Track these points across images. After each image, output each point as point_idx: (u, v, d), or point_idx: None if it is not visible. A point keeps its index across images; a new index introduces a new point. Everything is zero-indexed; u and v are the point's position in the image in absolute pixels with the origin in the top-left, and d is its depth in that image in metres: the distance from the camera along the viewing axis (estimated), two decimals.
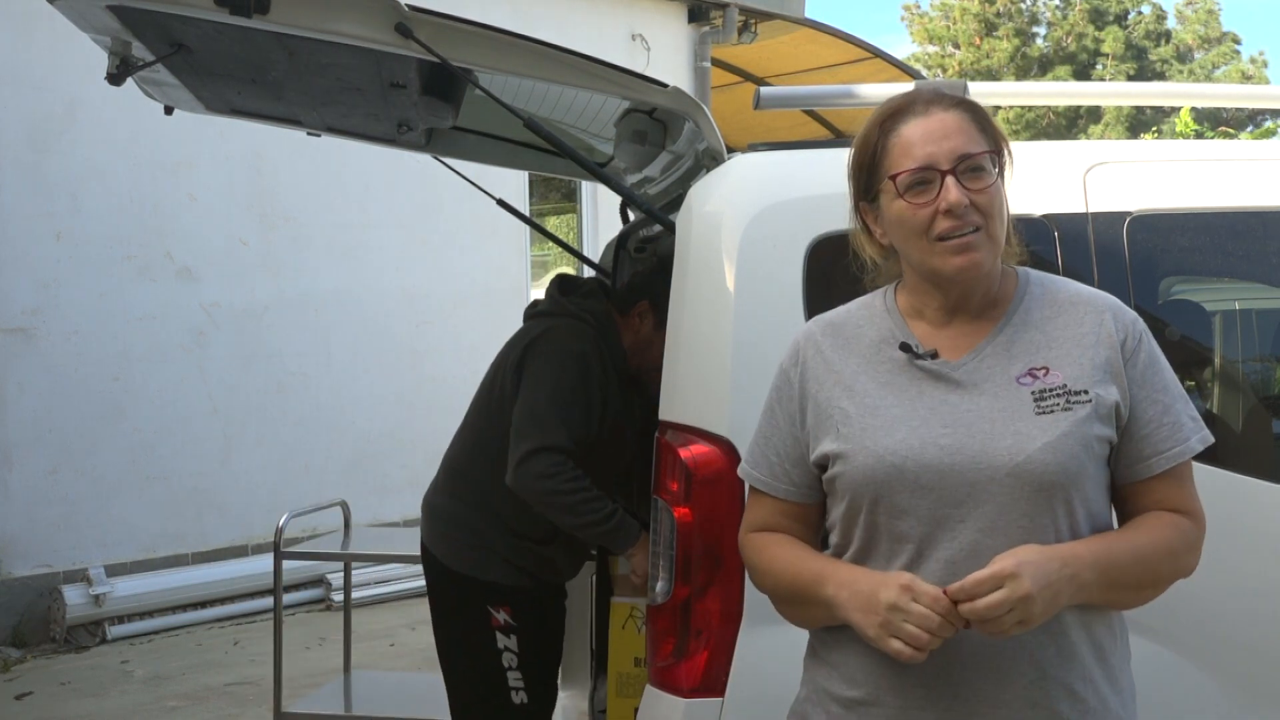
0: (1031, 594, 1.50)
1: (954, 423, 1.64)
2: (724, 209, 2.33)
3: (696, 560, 2.18)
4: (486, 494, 3.00)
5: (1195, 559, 1.71)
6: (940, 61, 29.81)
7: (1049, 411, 1.63)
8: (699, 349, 2.28)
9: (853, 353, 1.75)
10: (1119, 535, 1.67)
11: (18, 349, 6.34)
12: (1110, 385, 1.66)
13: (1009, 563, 1.52)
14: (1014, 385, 1.65)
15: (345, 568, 4.71)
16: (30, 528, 6.34)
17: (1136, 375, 1.68)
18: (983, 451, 1.61)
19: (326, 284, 7.51)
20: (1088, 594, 1.59)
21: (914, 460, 1.63)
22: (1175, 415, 1.68)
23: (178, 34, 2.76)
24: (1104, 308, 1.71)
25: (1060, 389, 1.64)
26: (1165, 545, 1.66)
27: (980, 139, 1.67)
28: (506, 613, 2.97)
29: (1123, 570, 1.61)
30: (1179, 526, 1.67)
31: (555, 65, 2.55)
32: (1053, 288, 1.75)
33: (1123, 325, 1.70)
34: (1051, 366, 1.66)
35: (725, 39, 9.53)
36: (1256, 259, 2.59)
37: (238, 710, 5.24)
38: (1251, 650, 2.34)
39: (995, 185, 1.65)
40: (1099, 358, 1.67)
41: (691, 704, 2.18)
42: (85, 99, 6.41)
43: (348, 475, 7.40)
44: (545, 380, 2.91)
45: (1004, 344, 1.69)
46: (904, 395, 1.69)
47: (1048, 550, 1.56)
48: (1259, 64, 29.86)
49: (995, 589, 1.51)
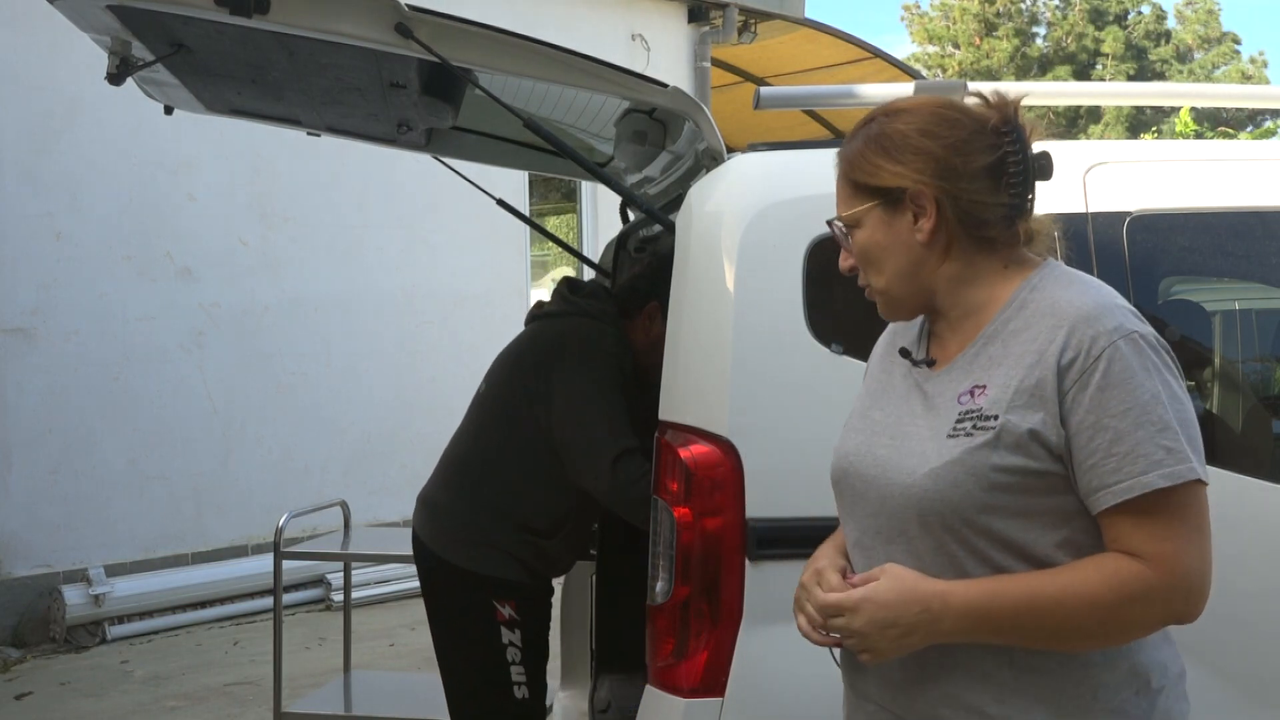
0: (864, 630, 1.52)
1: (899, 436, 1.64)
2: (724, 209, 2.33)
3: (696, 560, 2.18)
4: (494, 491, 3.00)
5: (1151, 612, 1.50)
6: (940, 61, 29.82)
7: (955, 435, 1.56)
8: (699, 349, 2.28)
9: (889, 351, 1.79)
10: (1019, 580, 1.51)
11: (18, 349, 6.34)
12: (1032, 412, 1.52)
13: (854, 596, 1.54)
14: (954, 404, 1.60)
15: (345, 568, 4.71)
16: (30, 528, 6.34)
17: (1084, 399, 1.49)
18: (895, 468, 1.61)
19: (326, 284, 7.51)
20: (959, 638, 1.53)
21: (854, 466, 1.68)
22: (1130, 445, 1.47)
23: (178, 34, 2.76)
24: (1068, 322, 1.53)
25: (976, 412, 1.56)
26: (1085, 594, 1.47)
27: (847, 197, 1.68)
28: (512, 607, 2.96)
29: (1008, 619, 1.50)
30: (1118, 574, 1.47)
31: (555, 65, 2.55)
32: (1046, 292, 1.60)
33: (1078, 342, 1.51)
34: (989, 385, 1.57)
35: (725, 39, 9.54)
36: (1256, 259, 2.59)
37: (238, 710, 5.24)
38: (1251, 650, 2.34)
39: (867, 240, 1.66)
40: (1029, 380, 1.53)
41: (691, 704, 2.18)
42: (85, 99, 6.41)
43: (348, 475, 7.40)
44: (594, 385, 2.89)
45: (970, 358, 1.62)
46: (889, 401, 1.71)
47: (910, 590, 1.52)
48: (1259, 64, 29.89)
49: (837, 615, 1.55)
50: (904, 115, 1.64)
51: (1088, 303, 1.55)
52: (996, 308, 1.63)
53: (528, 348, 3.09)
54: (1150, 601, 1.49)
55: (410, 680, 4.98)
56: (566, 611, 3.73)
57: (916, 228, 1.62)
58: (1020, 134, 1.62)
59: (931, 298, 1.67)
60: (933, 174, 1.60)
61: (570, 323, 3.05)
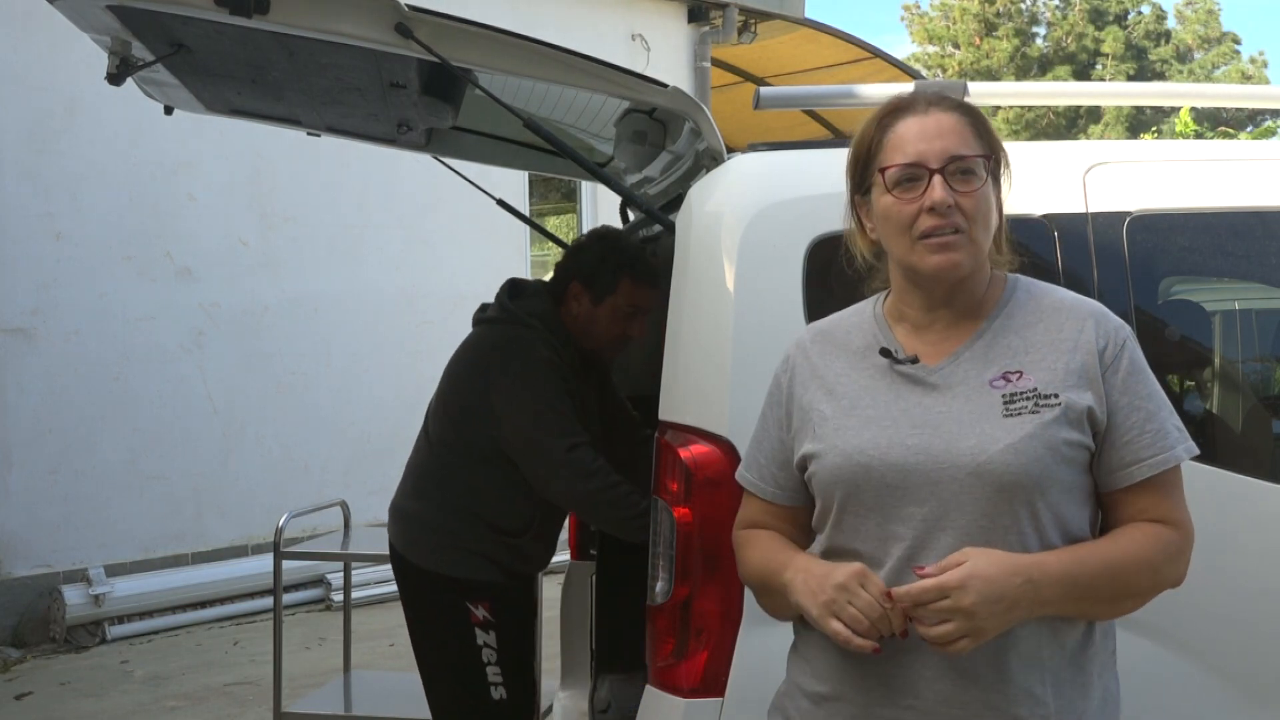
0: (974, 609, 1.51)
1: (923, 424, 1.66)
2: (724, 209, 2.33)
3: (696, 560, 2.18)
4: (457, 494, 3.03)
5: (1181, 570, 1.68)
6: (940, 61, 29.82)
7: (1016, 414, 1.62)
8: (699, 349, 2.28)
9: (838, 358, 1.79)
10: (1092, 547, 1.64)
11: (18, 349, 6.34)
12: (1084, 391, 1.64)
13: (958, 575, 1.52)
14: (986, 389, 1.65)
15: (345, 568, 4.71)
16: (30, 528, 6.34)
17: (1118, 382, 1.66)
18: (946, 451, 1.63)
19: (326, 284, 7.51)
20: (1053, 608, 1.59)
21: (880, 459, 1.66)
22: (1159, 423, 1.66)
23: (178, 34, 2.76)
24: (1086, 315, 1.70)
25: (1030, 392, 1.63)
26: (1142, 558, 1.63)
27: (975, 143, 1.69)
28: (485, 608, 2.99)
29: (1092, 584, 1.60)
30: (1160, 538, 1.64)
31: (555, 65, 2.55)
32: (1039, 294, 1.75)
33: (1104, 333, 1.68)
34: (1025, 371, 1.66)
35: (725, 39, 9.53)
36: (1256, 259, 2.59)
37: (238, 710, 5.25)
38: (1251, 650, 2.34)
39: (983, 190, 1.67)
40: (1074, 363, 1.65)
41: (691, 704, 2.18)
42: (85, 99, 6.41)
43: (348, 475, 7.40)
44: (531, 392, 2.93)
45: (983, 348, 1.70)
46: (881, 399, 1.72)
47: (1009, 562, 1.55)
48: (1259, 64, 29.88)
49: (940, 599, 1.53)
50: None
51: (1084, 301, 1.74)
52: (989, 307, 1.73)
53: (466, 355, 3.13)
54: (1180, 560, 1.67)
55: (410, 680, 4.94)
56: (566, 611, 3.73)
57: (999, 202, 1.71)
58: None
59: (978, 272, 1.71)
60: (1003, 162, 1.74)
61: (502, 331, 3.07)
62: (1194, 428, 2.59)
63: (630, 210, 3.68)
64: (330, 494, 6.15)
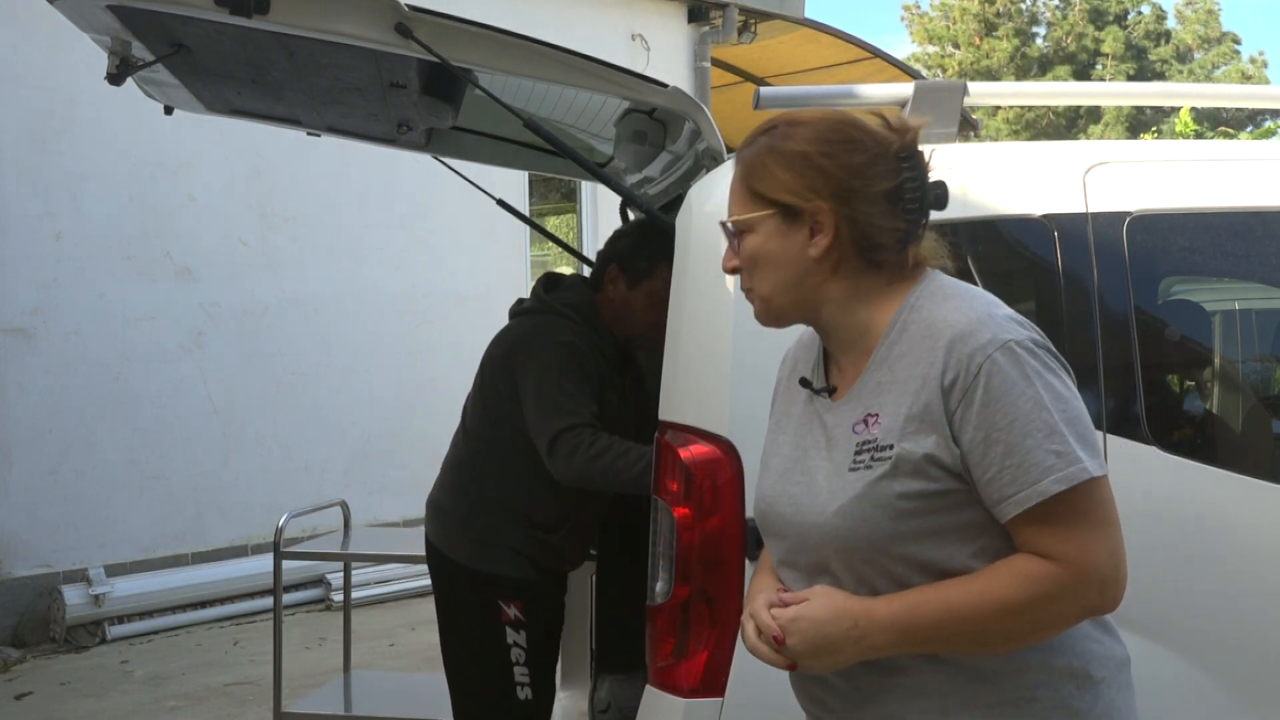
0: (797, 649, 1.56)
1: (807, 472, 1.66)
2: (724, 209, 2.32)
3: (696, 560, 2.18)
4: (493, 488, 3.03)
5: (1066, 609, 1.54)
6: (940, 61, 29.82)
7: (856, 468, 1.58)
8: (699, 349, 2.28)
9: (790, 379, 1.80)
10: (935, 590, 1.54)
11: (18, 349, 6.34)
12: (924, 436, 1.54)
13: (786, 615, 1.56)
14: (850, 434, 1.61)
15: (345, 568, 4.71)
16: (30, 528, 6.34)
17: (971, 416, 1.52)
18: (809, 507, 1.63)
19: (326, 284, 7.51)
20: (888, 651, 1.56)
21: (772, 509, 1.70)
22: (1022, 456, 1.50)
23: (178, 34, 2.76)
24: (945, 341, 1.56)
25: (872, 443, 1.58)
26: (995, 598, 1.51)
27: (743, 200, 1.68)
28: (518, 608, 2.98)
29: (931, 628, 1.53)
30: (1029, 577, 1.51)
31: (555, 65, 2.55)
32: (924, 313, 1.61)
33: (956, 361, 1.53)
34: (881, 413, 1.59)
35: (725, 39, 9.53)
36: (1256, 259, 2.59)
37: (238, 710, 5.25)
38: (1251, 650, 2.34)
39: (756, 244, 1.65)
40: (917, 405, 1.55)
41: (691, 704, 2.18)
42: (85, 99, 6.40)
43: (348, 475, 7.40)
44: (540, 373, 2.94)
45: (864, 383, 1.64)
46: (793, 435, 1.73)
47: (839, 607, 1.56)
48: (1259, 64, 29.90)
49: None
50: (805, 129, 1.64)
51: (961, 320, 1.57)
52: (880, 331, 1.64)
53: (499, 347, 3.14)
54: (1062, 599, 1.52)
55: (410, 680, 4.98)
56: (566, 611, 3.73)
57: (812, 243, 1.62)
58: (919, 161, 1.64)
59: (814, 312, 1.68)
60: (831, 194, 1.60)
61: (534, 320, 3.09)
62: (1194, 428, 2.60)
63: (630, 210, 3.68)
64: (330, 494, 6.15)
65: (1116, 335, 2.32)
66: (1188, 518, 2.29)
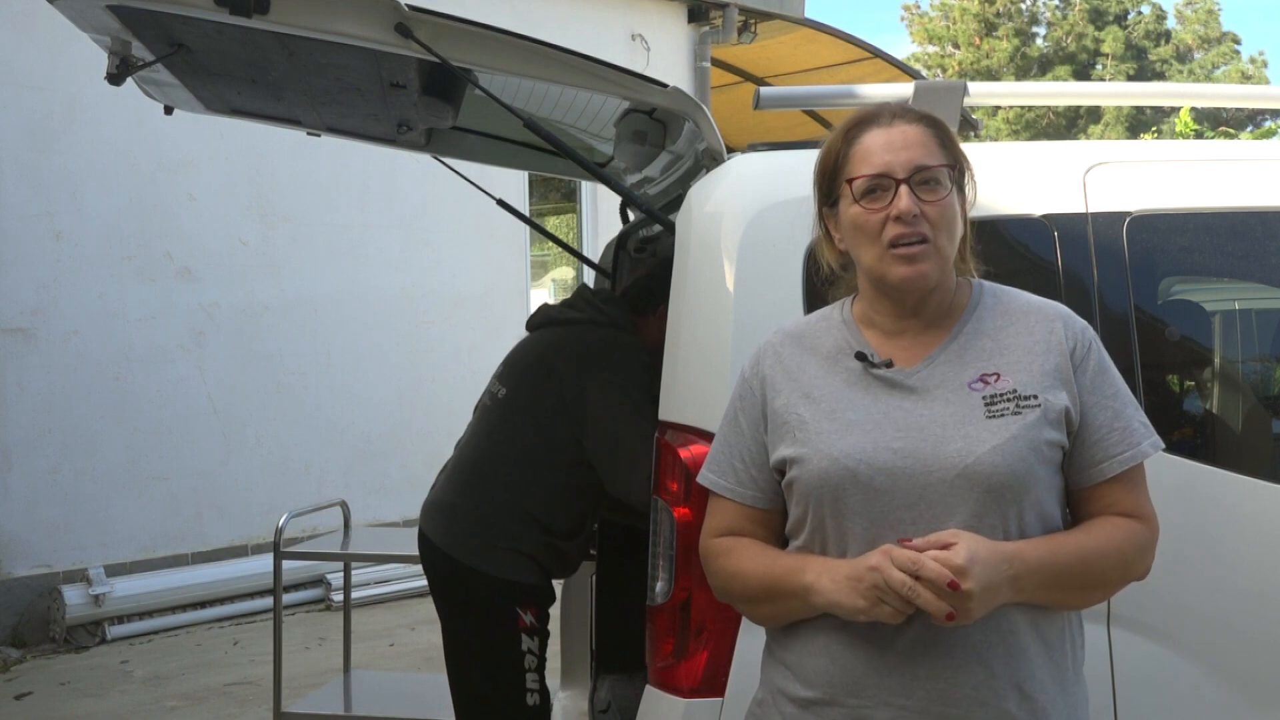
0: (972, 592, 1.53)
1: (907, 427, 1.68)
2: (724, 209, 2.33)
3: (696, 560, 2.18)
4: (517, 496, 2.98)
5: (1147, 563, 1.72)
6: (940, 61, 29.83)
7: (999, 415, 1.66)
8: (699, 349, 2.28)
9: (811, 361, 1.80)
10: (1066, 537, 1.68)
11: (18, 349, 6.34)
12: (1060, 391, 1.69)
13: (961, 557, 1.53)
14: (966, 391, 1.69)
15: (345, 568, 4.71)
16: (30, 528, 6.34)
17: (1086, 382, 1.71)
18: (933, 455, 1.65)
19: (326, 284, 7.51)
20: (1027, 595, 1.62)
21: (867, 463, 1.67)
22: (1126, 420, 1.71)
23: (178, 34, 2.76)
24: (1054, 316, 1.75)
25: (1010, 394, 1.67)
26: (1113, 550, 1.67)
27: (939, 154, 1.72)
28: (533, 614, 2.96)
29: (1066, 573, 1.64)
30: (1130, 531, 1.69)
31: (555, 65, 2.55)
32: (1005, 298, 1.80)
33: (1073, 333, 1.73)
34: (1003, 372, 1.70)
35: (725, 39, 9.54)
36: (1256, 259, 2.59)
37: (238, 710, 5.25)
38: (1251, 650, 2.34)
39: (948, 199, 1.70)
40: (1049, 364, 1.70)
41: (691, 704, 2.18)
42: (85, 99, 6.41)
43: (348, 475, 7.40)
44: (628, 399, 2.90)
45: (957, 351, 1.73)
46: (859, 402, 1.72)
47: (996, 549, 1.59)
48: (1259, 64, 29.90)
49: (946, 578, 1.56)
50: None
51: (1049, 303, 1.78)
52: (959, 312, 1.77)
53: (552, 354, 3.06)
54: (1147, 554, 1.72)
55: (410, 680, 4.98)
56: (566, 611, 3.73)
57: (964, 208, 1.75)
58: None
59: (944, 278, 1.74)
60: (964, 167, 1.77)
61: (602, 333, 3.05)
62: (1194, 428, 2.60)
63: (630, 210, 3.68)
64: (330, 494, 6.16)
65: (1116, 335, 2.32)
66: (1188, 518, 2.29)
